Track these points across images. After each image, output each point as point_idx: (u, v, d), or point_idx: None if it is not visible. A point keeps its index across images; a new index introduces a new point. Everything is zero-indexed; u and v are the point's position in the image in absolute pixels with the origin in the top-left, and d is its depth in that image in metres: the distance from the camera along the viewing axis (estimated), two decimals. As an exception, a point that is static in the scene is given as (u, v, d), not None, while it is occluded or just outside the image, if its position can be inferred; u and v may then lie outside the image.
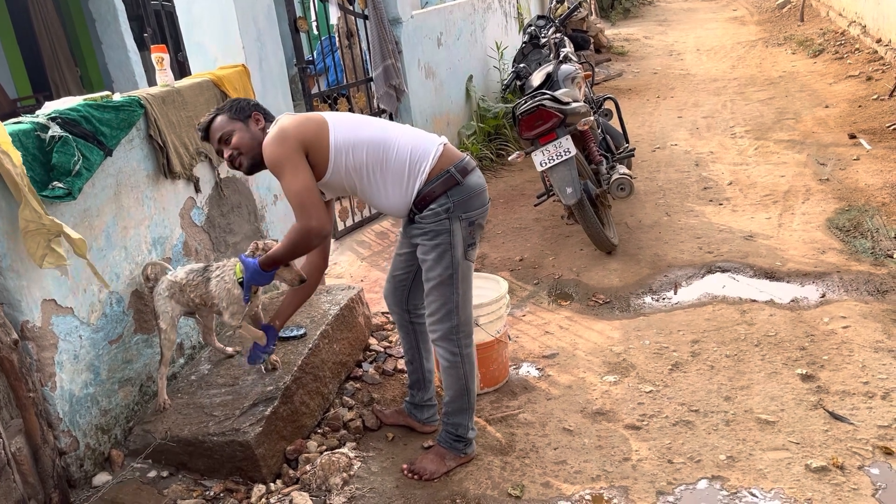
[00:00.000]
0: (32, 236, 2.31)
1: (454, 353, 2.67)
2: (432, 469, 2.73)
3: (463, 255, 2.57)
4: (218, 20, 3.67)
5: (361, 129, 2.52)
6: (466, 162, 2.56)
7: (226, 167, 3.55)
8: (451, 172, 2.49)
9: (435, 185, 2.49)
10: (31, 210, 2.28)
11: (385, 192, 2.54)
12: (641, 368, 3.33)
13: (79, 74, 10.11)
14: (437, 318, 2.65)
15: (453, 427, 2.77)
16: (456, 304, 2.61)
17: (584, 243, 4.76)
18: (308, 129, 2.45)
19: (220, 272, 2.80)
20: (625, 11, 16.34)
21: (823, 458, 2.59)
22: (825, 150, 5.98)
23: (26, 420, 2.43)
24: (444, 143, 2.58)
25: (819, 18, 12.00)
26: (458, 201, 2.50)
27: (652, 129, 7.42)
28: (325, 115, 2.54)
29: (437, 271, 2.56)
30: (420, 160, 2.50)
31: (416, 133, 2.60)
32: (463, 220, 2.53)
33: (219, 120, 2.58)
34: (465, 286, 2.61)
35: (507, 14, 8.68)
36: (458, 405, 2.75)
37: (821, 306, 3.66)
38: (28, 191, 2.30)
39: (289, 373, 2.94)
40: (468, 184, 2.53)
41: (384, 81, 5.49)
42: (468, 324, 2.69)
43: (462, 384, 2.71)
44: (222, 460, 2.70)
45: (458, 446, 2.77)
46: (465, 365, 2.69)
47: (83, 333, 2.70)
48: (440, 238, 2.52)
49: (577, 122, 4.33)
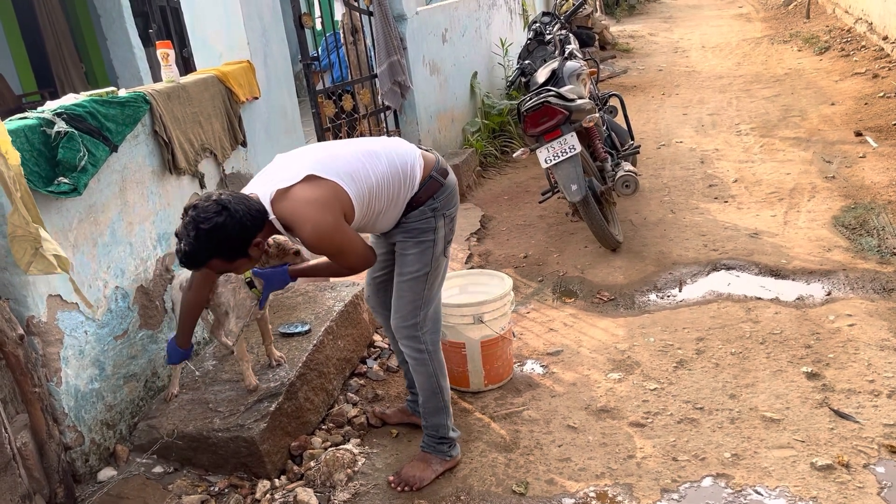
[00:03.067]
0: (19, 241, 2.25)
1: (420, 351, 2.63)
2: (420, 476, 2.68)
3: (442, 251, 2.59)
4: (223, 16, 3.67)
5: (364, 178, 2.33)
6: (441, 162, 2.58)
7: (230, 163, 3.55)
8: (433, 177, 2.50)
9: (420, 192, 2.48)
10: (20, 216, 2.25)
11: (388, 214, 2.47)
12: (646, 366, 3.33)
13: (83, 70, 10.12)
14: (401, 314, 2.60)
15: (433, 429, 2.73)
16: (424, 300, 2.59)
17: (589, 240, 4.75)
18: (340, 204, 2.27)
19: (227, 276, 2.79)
20: (630, 8, 16.31)
21: (829, 456, 2.59)
22: (831, 147, 5.96)
23: (32, 415, 2.44)
24: (419, 152, 2.52)
25: (825, 15, 11.95)
26: (442, 201, 2.53)
27: (657, 126, 7.40)
28: (341, 185, 2.28)
29: (416, 266, 2.54)
30: (409, 178, 2.44)
31: (395, 151, 2.46)
32: (446, 216, 2.55)
33: (215, 264, 2.24)
34: (437, 283, 2.62)
35: (512, 10, 8.67)
36: (433, 405, 2.70)
37: (826, 304, 3.64)
38: (21, 195, 2.25)
39: (293, 369, 2.95)
40: (448, 183, 2.56)
41: (389, 78, 5.48)
42: (435, 321, 2.66)
43: (433, 382, 2.67)
44: (227, 456, 2.70)
45: (442, 448, 2.73)
46: (432, 362, 2.65)
47: (89, 329, 2.71)
48: (425, 235, 2.53)
49: (582, 119, 4.32)
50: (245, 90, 3.60)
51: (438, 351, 2.69)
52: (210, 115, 3.37)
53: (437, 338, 2.69)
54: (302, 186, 2.24)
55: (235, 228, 2.15)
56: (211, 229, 2.13)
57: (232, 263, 2.27)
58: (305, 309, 3.42)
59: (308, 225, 2.21)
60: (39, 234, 2.27)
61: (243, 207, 2.17)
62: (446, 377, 2.73)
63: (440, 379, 2.68)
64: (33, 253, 2.30)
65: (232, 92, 3.50)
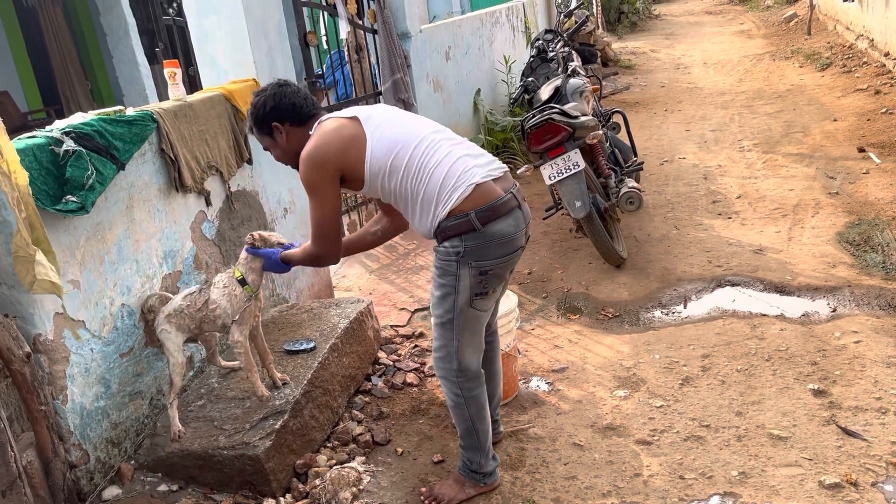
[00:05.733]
0: (21, 261, 2.26)
1: (457, 395, 2.56)
2: (450, 495, 2.66)
3: (468, 303, 2.41)
4: (229, 35, 3.70)
5: (402, 150, 2.36)
6: (497, 206, 2.32)
7: (236, 181, 3.57)
8: (469, 217, 2.29)
9: (451, 225, 2.32)
10: (21, 237, 2.26)
11: (414, 216, 2.44)
12: (652, 383, 3.32)
13: (89, 88, 10.21)
14: (439, 356, 2.54)
15: (468, 460, 2.69)
16: (456, 350, 2.48)
17: (593, 257, 4.76)
18: (349, 155, 2.36)
19: (217, 283, 2.82)
20: (632, 25, 16.39)
21: (837, 474, 2.57)
22: (834, 163, 5.97)
23: (37, 433, 2.44)
24: (478, 182, 2.32)
25: (826, 32, 12.01)
26: (470, 247, 2.33)
27: (660, 142, 7.43)
28: (367, 131, 2.37)
29: (439, 311, 2.46)
30: (447, 195, 2.32)
31: (460, 161, 2.37)
32: (473, 267, 2.35)
33: (253, 138, 2.62)
34: (467, 333, 2.47)
35: (515, 28, 8.72)
36: (469, 442, 2.65)
37: (832, 321, 3.64)
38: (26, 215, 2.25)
39: (298, 386, 2.94)
40: (488, 231, 2.32)
41: (393, 95, 5.51)
42: (471, 370, 2.54)
43: (469, 425, 2.60)
44: (232, 474, 2.70)
45: (475, 477, 2.69)
46: (469, 407, 2.57)
47: (94, 346, 2.71)
48: (446, 279, 2.40)
49: (585, 136, 4.34)
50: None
51: (479, 397, 2.58)
52: (216, 133, 3.39)
53: (476, 385, 2.57)
54: (339, 120, 2.42)
55: (270, 102, 2.47)
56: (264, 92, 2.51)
57: (263, 140, 2.56)
58: (310, 326, 3.42)
59: (310, 144, 2.39)
60: (35, 257, 2.29)
61: (296, 99, 2.47)
62: (484, 420, 2.61)
63: (477, 422, 2.59)
64: (34, 273, 2.32)
65: (238, 110, 3.52)
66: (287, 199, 3.99)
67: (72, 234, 2.62)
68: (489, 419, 2.65)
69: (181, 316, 2.81)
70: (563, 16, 7.53)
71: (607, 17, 15.96)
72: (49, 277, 2.30)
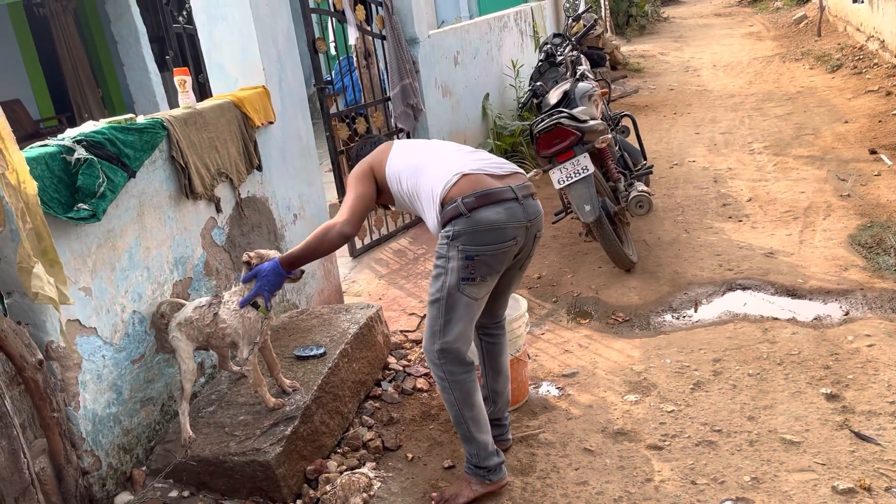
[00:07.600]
0: (25, 272, 2.28)
1: (441, 378, 2.63)
2: (457, 493, 2.67)
3: (456, 286, 2.54)
4: (238, 42, 3.72)
5: (410, 157, 2.75)
6: (484, 194, 2.52)
7: (246, 188, 3.58)
8: (456, 203, 2.52)
9: (445, 212, 2.56)
10: (24, 249, 2.28)
11: (424, 213, 2.70)
12: (663, 387, 3.30)
13: (100, 95, 10.28)
14: (426, 336, 2.67)
15: (468, 454, 2.71)
16: (441, 328, 2.58)
17: (603, 261, 4.74)
18: (379, 158, 2.80)
19: (228, 301, 2.80)
20: (640, 28, 16.37)
21: (850, 479, 2.55)
22: (845, 165, 5.93)
23: (50, 440, 2.45)
24: (465, 172, 2.58)
25: (836, 33, 11.95)
26: (458, 231, 2.51)
27: (669, 145, 7.41)
28: (395, 145, 2.84)
29: (431, 290, 2.62)
30: (436, 189, 2.59)
31: (457, 158, 2.69)
32: (460, 250, 2.51)
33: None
34: (452, 315, 2.56)
35: (523, 32, 8.73)
36: (461, 432, 2.68)
37: (844, 324, 3.61)
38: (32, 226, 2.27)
39: (309, 392, 2.95)
40: (475, 217, 2.50)
41: (402, 100, 5.52)
42: (456, 352, 2.60)
43: (456, 412, 2.64)
44: (243, 480, 2.70)
45: (479, 472, 2.68)
46: (453, 391, 2.61)
47: (106, 353, 2.72)
48: (440, 261, 2.59)
49: (594, 140, 4.33)
50: (260, 115, 3.64)
51: (464, 383, 2.62)
52: (226, 140, 3.41)
53: (462, 370, 2.62)
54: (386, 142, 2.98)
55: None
56: None
57: None
58: (320, 332, 3.43)
59: None
60: (33, 270, 2.29)
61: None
62: (473, 408, 2.64)
63: (463, 409, 2.62)
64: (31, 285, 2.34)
65: (247, 117, 3.54)
66: (297, 206, 4.00)
67: (83, 241, 2.64)
68: (481, 410, 2.68)
69: (191, 327, 2.82)
70: (571, 20, 7.54)
71: (616, 20, 15.94)
72: (45, 291, 2.29)
